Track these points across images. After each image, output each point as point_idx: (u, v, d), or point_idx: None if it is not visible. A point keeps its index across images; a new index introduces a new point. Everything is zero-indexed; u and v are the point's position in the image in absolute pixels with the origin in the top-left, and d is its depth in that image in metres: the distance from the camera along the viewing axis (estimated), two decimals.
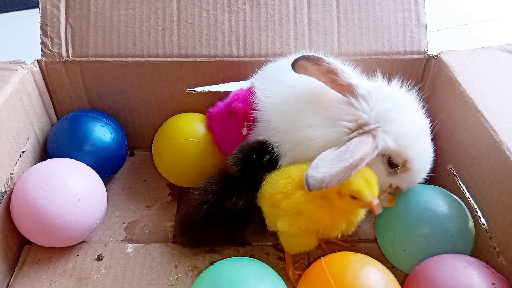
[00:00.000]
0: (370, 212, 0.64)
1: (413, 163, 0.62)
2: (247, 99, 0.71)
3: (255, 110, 0.70)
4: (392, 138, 0.59)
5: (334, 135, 0.62)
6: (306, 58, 0.64)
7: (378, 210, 0.56)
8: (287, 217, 0.61)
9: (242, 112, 0.71)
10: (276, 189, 0.62)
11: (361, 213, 0.61)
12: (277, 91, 0.69)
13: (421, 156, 0.63)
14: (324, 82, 0.64)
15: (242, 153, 0.68)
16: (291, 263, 0.69)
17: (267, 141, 0.68)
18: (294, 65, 0.65)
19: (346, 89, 0.63)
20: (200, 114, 0.81)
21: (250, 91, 0.72)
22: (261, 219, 0.68)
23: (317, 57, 0.64)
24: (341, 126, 0.61)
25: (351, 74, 0.64)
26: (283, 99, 0.68)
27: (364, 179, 0.56)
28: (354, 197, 0.56)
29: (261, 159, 0.67)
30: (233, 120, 0.73)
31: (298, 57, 0.65)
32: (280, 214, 0.62)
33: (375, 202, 0.56)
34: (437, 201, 0.64)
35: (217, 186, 0.69)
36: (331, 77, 0.64)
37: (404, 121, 0.61)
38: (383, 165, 0.63)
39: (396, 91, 0.64)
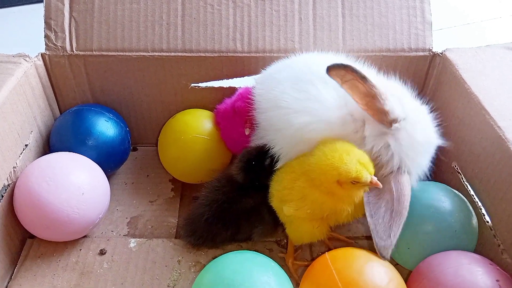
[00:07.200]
0: None
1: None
2: (249, 98, 0.70)
3: (255, 110, 0.69)
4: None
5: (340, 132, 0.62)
6: (350, 70, 0.57)
7: (379, 185, 0.58)
8: (293, 202, 0.62)
9: (245, 111, 0.70)
10: (282, 185, 0.64)
11: None
12: (271, 89, 0.67)
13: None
14: (356, 101, 0.59)
15: (242, 161, 0.68)
16: (292, 253, 0.70)
17: (266, 144, 0.68)
18: (331, 70, 0.58)
19: (378, 115, 0.59)
20: (208, 111, 0.81)
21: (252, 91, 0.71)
22: (270, 220, 0.69)
23: (362, 75, 0.57)
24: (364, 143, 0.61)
25: (387, 97, 0.58)
26: (276, 97, 0.66)
27: (359, 162, 0.57)
28: (354, 182, 0.58)
29: (262, 164, 0.67)
30: (237, 119, 0.72)
31: (339, 65, 0.58)
32: (286, 199, 0.63)
33: (374, 179, 0.58)
34: (439, 197, 0.64)
35: (227, 188, 0.69)
36: (367, 100, 0.58)
37: (423, 159, 0.63)
38: None
39: (423, 126, 0.63)
